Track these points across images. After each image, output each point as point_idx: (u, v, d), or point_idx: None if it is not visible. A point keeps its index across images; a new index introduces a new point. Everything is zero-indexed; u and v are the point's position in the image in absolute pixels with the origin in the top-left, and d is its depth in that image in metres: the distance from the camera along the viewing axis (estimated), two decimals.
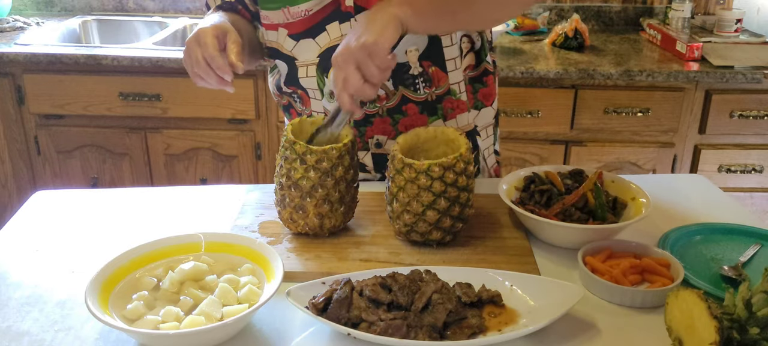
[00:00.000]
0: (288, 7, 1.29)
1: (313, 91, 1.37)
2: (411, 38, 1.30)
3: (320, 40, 1.31)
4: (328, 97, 1.36)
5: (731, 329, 0.83)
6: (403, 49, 1.31)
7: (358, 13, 1.27)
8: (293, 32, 1.32)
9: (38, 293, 1.05)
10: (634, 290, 1.01)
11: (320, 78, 1.34)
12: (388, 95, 1.34)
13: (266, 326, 0.97)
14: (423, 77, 1.34)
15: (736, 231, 1.22)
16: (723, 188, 1.51)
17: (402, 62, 1.32)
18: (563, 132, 2.53)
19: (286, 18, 1.31)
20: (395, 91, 1.34)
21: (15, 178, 2.65)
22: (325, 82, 1.34)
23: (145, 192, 1.42)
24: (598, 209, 1.19)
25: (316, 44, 1.32)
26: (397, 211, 1.12)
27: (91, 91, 2.48)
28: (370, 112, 1.35)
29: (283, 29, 1.33)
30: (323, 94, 1.36)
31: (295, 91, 1.40)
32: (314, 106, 1.39)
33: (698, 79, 2.43)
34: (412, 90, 1.35)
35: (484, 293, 0.98)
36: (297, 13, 1.29)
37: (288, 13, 1.30)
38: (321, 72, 1.34)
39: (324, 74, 1.33)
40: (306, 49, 1.33)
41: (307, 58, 1.34)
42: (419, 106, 1.36)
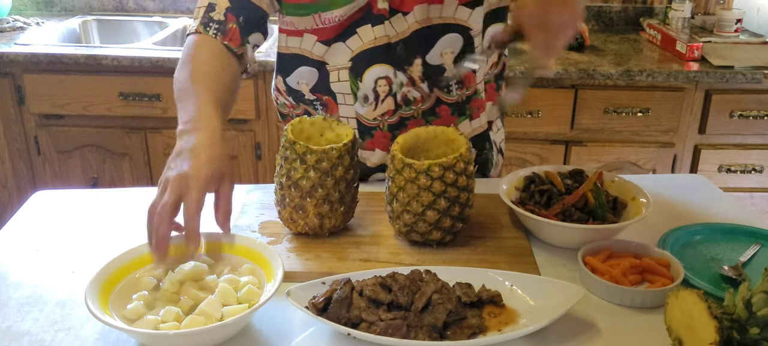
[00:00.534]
0: (319, 13, 1.27)
1: (345, 96, 1.35)
2: (447, 40, 1.30)
3: (351, 43, 1.30)
4: (362, 102, 1.34)
5: (731, 329, 0.83)
6: (439, 52, 1.31)
7: (393, 16, 1.27)
8: (323, 38, 1.30)
9: (38, 293, 1.05)
10: (634, 290, 1.01)
11: (353, 82, 1.32)
12: (423, 98, 1.34)
13: (266, 326, 0.97)
14: (456, 79, 1.34)
15: (736, 231, 1.22)
16: (723, 188, 1.51)
17: (438, 64, 1.32)
18: (563, 132, 2.53)
19: (315, 24, 1.29)
20: (430, 93, 1.34)
21: (15, 178, 2.65)
22: (359, 86, 1.32)
23: (145, 192, 1.42)
24: (598, 209, 1.19)
25: (348, 48, 1.30)
26: (397, 211, 1.12)
27: (91, 91, 2.48)
28: (406, 115, 1.35)
29: (310, 35, 1.31)
30: (356, 98, 1.34)
31: (320, 98, 1.38)
32: (344, 111, 1.37)
33: (698, 79, 2.43)
34: (445, 92, 1.35)
35: (484, 293, 0.98)
36: (329, 19, 1.27)
37: (319, 20, 1.28)
38: (354, 76, 1.32)
39: (357, 78, 1.32)
40: (337, 53, 1.31)
41: (338, 63, 1.32)
42: (451, 107, 1.36)
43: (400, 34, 1.28)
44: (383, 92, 1.32)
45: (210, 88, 1.13)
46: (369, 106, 1.34)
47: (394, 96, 1.33)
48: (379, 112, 1.34)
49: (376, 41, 1.29)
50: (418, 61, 1.31)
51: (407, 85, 1.32)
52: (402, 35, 1.29)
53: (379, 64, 1.30)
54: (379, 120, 1.35)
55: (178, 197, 0.95)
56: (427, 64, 1.32)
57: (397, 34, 1.28)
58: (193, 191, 0.95)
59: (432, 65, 1.32)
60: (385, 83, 1.31)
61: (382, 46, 1.29)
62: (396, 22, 1.27)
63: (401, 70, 1.31)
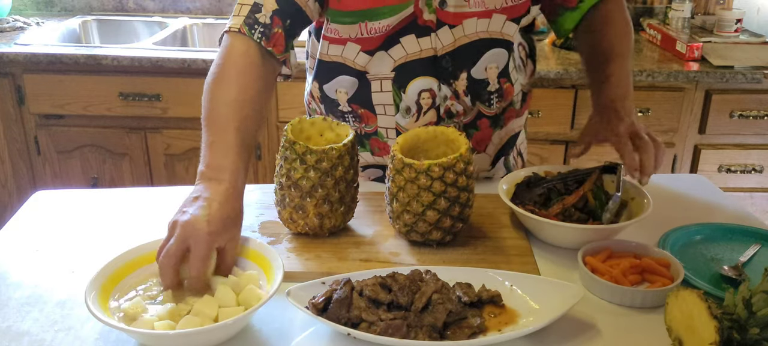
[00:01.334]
0: (366, 22, 1.25)
1: (385, 107, 1.33)
2: (492, 55, 1.30)
3: (394, 53, 1.28)
4: (404, 113, 1.33)
5: (731, 329, 0.83)
6: (484, 66, 1.30)
7: (440, 28, 1.25)
8: (367, 48, 1.28)
9: (38, 293, 1.05)
10: (634, 290, 1.01)
11: (396, 93, 1.31)
12: (465, 111, 1.34)
13: (266, 326, 0.97)
14: (497, 93, 1.34)
15: (736, 231, 1.22)
16: (723, 188, 1.51)
17: (482, 79, 1.31)
18: (563, 132, 2.53)
19: (361, 33, 1.27)
20: (472, 107, 1.34)
21: (15, 178, 2.65)
22: (402, 97, 1.31)
23: (145, 192, 1.42)
24: (598, 209, 1.19)
25: (390, 58, 1.28)
26: (397, 211, 1.12)
27: (91, 91, 2.48)
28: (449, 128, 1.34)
29: (353, 44, 1.29)
30: (398, 109, 1.33)
31: (355, 111, 1.35)
32: (383, 122, 1.35)
33: (698, 79, 2.43)
34: (486, 105, 1.34)
35: (484, 293, 0.98)
36: (376, 28, 1.25)
37: (365, 29, 1.26)
38: (397, 87, 1.31)
39: (401, 89, 1.30)
40: (379, 63, 1.29)
41: (379, 72, 1.30)
42: (490, 120, 1.36)
43: (446, 47, 1.27)
44: (426, 105, 1.32)
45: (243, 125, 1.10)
46: (411, 117, 1.33)
47: (437, 109, 1.32)
48: (420, 123, 1.33)
49: (421, 53, 1.27)
50: (463, 76, 1.30)
51: (451, 98, 1.31)
52: (448, 48, 1.27)
53: (423, 77, 1.29)
54: None
55: (184, 244, 0.96)
56: (471, 78, 1.31)
57: (443, 46, 1.27)
58: (199, 244, 0.95)
59: (476, 79, 1.31)
60: (429, 96, 1.31)
61: (427, 58, 1.28)
62: (443, 35, 1.26)
63: (446, 84, 1.30)
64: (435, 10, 1.25)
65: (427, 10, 1.24)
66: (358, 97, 1.34)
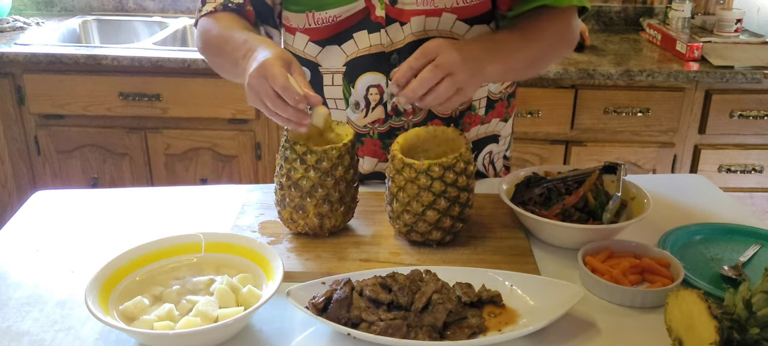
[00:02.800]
0: (313, 11, 1.26)
1: (337, 101, 1.35)
2: None
3: (346, 48, 1.29)
4: (353, 108, 1.33)
5: (731, 329, 0.83)
6: None
7: (390, 24, 1.25)
8: (316, 38, 1.30)
9: (38, 293, 1.05)
10: (634, 290, 1.01)
11: (346, 87, 1.32)
12: (415, 110, 1.33)
13: (266, 326, 0.97)
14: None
15: (736, 231, 1.22)
16: (723, 188, 1.51)
17: None
18: (563, 132, 2.53)
19: (308, 23, 1.28)
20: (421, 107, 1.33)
21: (15, 178, 2.65)
22: (352, 92, 1.32)
23: (145, 192, 1.42)
24: (598, 209, 1.19)
25: (343, 52, 1.30)
26: (397, 211, 1.12)
27: (91, 91, 2.48)
28: (396, 125, 1.34)
29: (302, 34, 1.31)
30: (347, 104, 1.34)
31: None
32: (335, 116, 1.36)
33: (698, 79, 2.43)
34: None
35: (484, 293, 0.98)
36: (323, 18, 1.26)
37: (312, 19, 1.27)
38: (347, 81, 1.32)
39: (350, 84, 1.31)
40: (331, 56, 1.31)
41: (332, 66, 1.31)
42: (444, 121, 1.35)
43: (396, 43, 1.27)
44: (374, 100, 1.32)
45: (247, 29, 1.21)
46: (360, 112, 1.34)
47: (384, 105, 1.33)
48: (369, 119, 1.34)
49: (371, 49, 1.28)
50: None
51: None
52: (398, 45, 1.28)
53: (372, 72, 1.30)
54: (369, 128, 1.35)
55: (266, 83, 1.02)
56: None
57: (392, 43, 1.27)
58: (273, 69, 1.02)
59: None
60: (377, 92, 1.31)
61: (376, 54, 1.28)
62: (392, 32, 1.27)
63: None
64: (385, 7, 1.25)
65: (379, 6, 1.25)
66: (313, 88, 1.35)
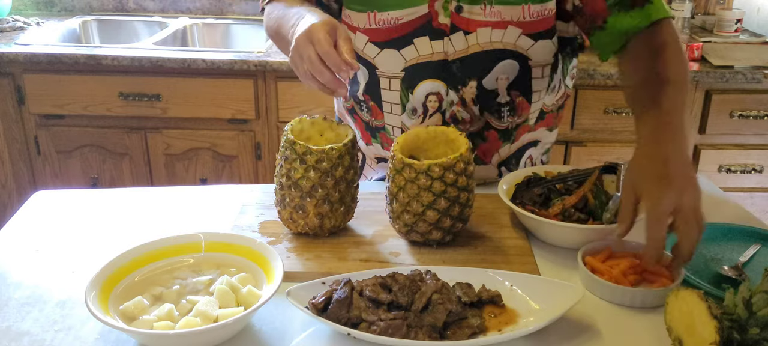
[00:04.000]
0: (375, 11, 1.26)
1: (392, 105, 1.34)
2: (504, 66, 1.28)
3: (406, 53, 1.28)
4: (410, 114, 1.33)
5: (731, 329, 0.83)
6: (495, 77, 1.29)
7: (454, 33, 1.25)
8: (375, 40, 1.29)
9: (38, 293, 1.05)
10: (634, 290, 1.01)
11: (404, 93, 1.31)
12: (473, 119, 1.33)
13: (266, 326, 0.97)
14: (509, 106, 1.32)
15: (736, 231, 1.22)
16: (723, 188, 1.51)
17: (492, 89, 1.30)
18: (563, 132, 2.53)
19: (369, 23, 1.27)
20: (480, 116, 1.33)
21: (15, 178, 2.65)
22: (409, 98, 1.31)
23: (145, 192, 1.42)
24: (598, 209, 1.19)
25: (402, 57, 1.28)
26: (397, 211, 1.12)
27: (91, 91, 2.48)
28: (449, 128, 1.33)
29: (362, 35, 1.30)
30: (404, 109, 1.33)
31: (367, 102, 1.36)
32: (389, 119, 1.35)
33: (698, 79, 2.43)
34: (496, 117, 1.33)
35: (484, 293, 0.98)
36: (385, 19, 1.26)
37: (373, 19, 1.26)
38: (405, 87, 1.31)
39: (409, 90, 1.30)
40: (389, 60, 1.29)
41: (389, 70, 1.30)
42: (499, 133, 1.35)
43: (459, 52, 1.27)
44: (433, 108, 1.31)
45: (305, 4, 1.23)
46: (417, 119, 1.33)
47: (442, 113, 1.32)
48: (425, 126, 1.33)
49: (432, 56, 1.27)
50: (472, 83, 1.29)
51: (457, 105, 1.31)
52: (460, 54, 1.27)
53: (432, 80, 1.29)
54: None
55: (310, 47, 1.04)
56: (481, 87, 1.30)
57: (455, 52, 1.27)
58: (318, 33, 1.04)
59: (486, 89, 1.30)
60: (436, 99, 1.30)
61: (437, 61, 1.28)
62: (456, 40, 1.26)
63: (454, 89, 1.30)
64: (450, 14, 1.24)
65: (443, 13, 1.24)
66: (369, 89, 1.35)
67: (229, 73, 2.44)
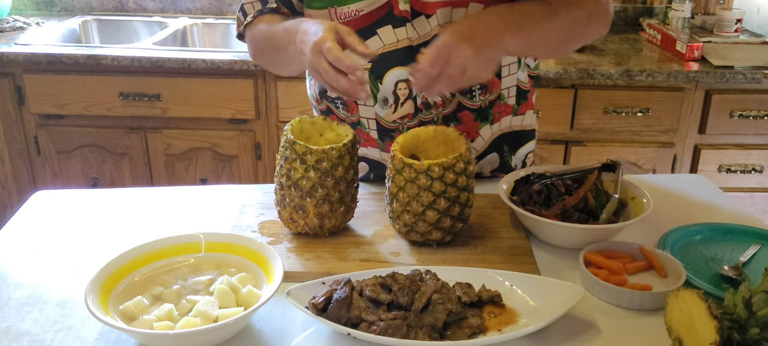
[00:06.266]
0: (335, 6, 1.26)
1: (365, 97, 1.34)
2: None
3: (371, 44, 1.28)
4: (382, 104, 1.33)
5: (731, 329, 0.83)
6: None
7: (415, 17, 1.25)
8: None
9: (38, 293, 1.05)
10: (633, 291, 1.01)
11: (374, 84, 1.31)
12: (444, 102, 1.33)
13: (266, 326, 0.97)
14: (480, 84, 1.32)
15: (736, 231, 1.22)
16: (723, 188, 1.51)
17: None
18: (563, 132, 2.53)
19: (331, 19, 1.27)
20: (452, 98, 1.33)
21: (15, 178, 2.65)
22: (379, 88, 1.31)
23: (145, 192, 1.42)
24: (598, 209, 1.19)
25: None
26: (397, 211, 1.12)
27: (91, 91, 2.48)
28: (426, 118, 1.33)
29: None
30: (376, 100, 1.33)
31: (340, 97, 1.37)
32: (364, 112, 1.36)
33: (698, 79, 2.43)
34: (468, 97, 1.33)
35: (484, 293, 0.98)
36: (345, 13, 1.26)
37: (334, 14, 1.27)
38: (374, 78, 1.31)
39: (377, 80, 1.31)
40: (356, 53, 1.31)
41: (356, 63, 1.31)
42: (474, 113, 1.35)
43: (423, 37, 1.27)
44: (403, 95, 1.31)
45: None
46: (389, 108, 1.33)
47: (414, 99, 1.32)
48: (398, 114, 1.33)
49: (397, 43, 1.27)
50: None
51: None
52: (424, 38, 1.27)
53: (400, 67, 1.29)
54: (398, 123, 1.34)
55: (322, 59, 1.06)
56: None
57: (419, 37, 1.27)
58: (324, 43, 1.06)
59: None
60: (406, 86, 1.30)
61: (403, 48, 1.28)
62: (418, 25, 1.26)
63: None
64: (409, 1, 1.24)
65: (402, 1, 1.25)
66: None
67: (229, 73, 2.44)
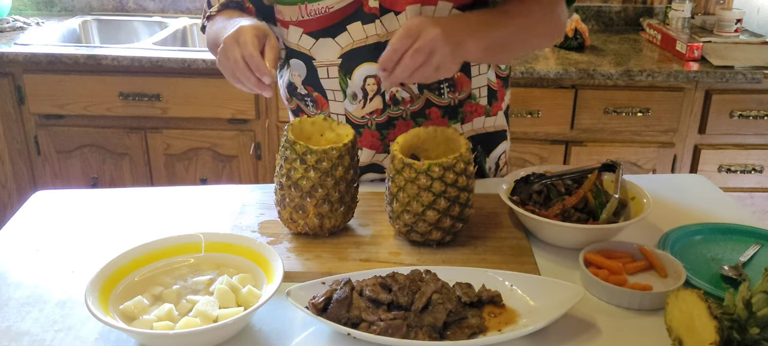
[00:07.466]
0: (306, 3, 1.26)
1: (334, 93, 1.35)
2: None
3: (340, 40, 1.29)
4: (351, 99, 1.34)
5: (731, 329, 0.83)
6: None
7: (384, 14, 1.26)
8: (309, 30, 1.30)
9: (38, 293, 1.05)
10: (633, 291, 1.01)
11: (343, 79, 1.32)
12: (412, 99, 1.33)
13: (266, 326, 0.97)
14: (448, 82, 1.33)
15: (736, 231, 1.22)
16: (723, 188, 1.51)
17: None
18: (563, 132, 2.53)
19: (301, 15, 1.28)
20: (420, 95, 1.33)
21: (15, 178, 2.65)
22: (348, 83, 1.32)
23: (145, 192, 1.42)
24: (598, 209, 1.19)
25: (337, 44, 1.30)
26: (397, 211, 1.12)
27: (91, 91, 2.48)
28: (394, 114, 1.34)
29: (295, 27, 1.31)
30: (345, 96, 1.34)
31: (310, 93, 1.38)
32: (334, 108, 1.37)
33: (698, 79, 2.43)
34: (436, 94, 1.34)
35: (484, 293, 0.98)
36: (316, 10, 1.26)
37: (304, 11, 1.27)
38: (343, 73, 1.32)
39: (347, 76, 1.31)
40: (325, 48, 1.31)
41: (326, 58, 1.32)
42: (442, 110, 1.35)
43: (391, 33, 1.27)
44: (372, 91, 1.32)
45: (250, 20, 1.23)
46: (357, 103, 1.34)
47: (382, 95, 1.33)
48: (367, 110, 1.34)
49: (367, 40, 1.28)
50: None
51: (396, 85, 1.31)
52: (393, 35, 1.27)
53: (368, 63, 1.30)
54: (367, 119, 1.35)
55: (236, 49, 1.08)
56: None
57: (387, 33, 1.27)
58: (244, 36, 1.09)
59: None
60: (374, 82, 1.31)
61: (371, 44, 1.28)
62: (387, 22, 1.27)
63: None
64: None
65: None
66: (309, 80, 1.37)
67: None
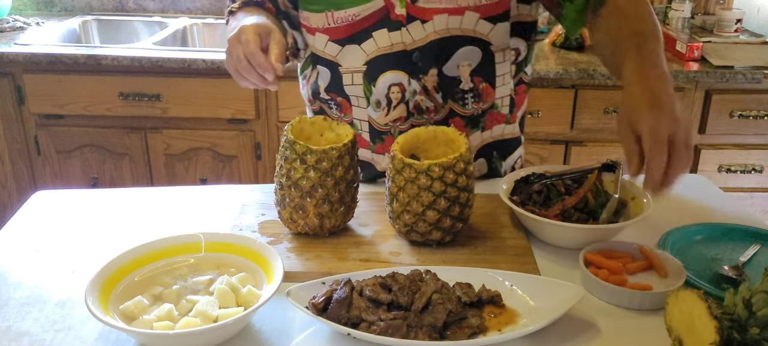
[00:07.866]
0: (332, 11, 1.27)
1: (358, 99, 1.35)
2: (465, 53, 1.29)
3: (366, 47, 1.29)
4: (374, 106, 1.34)
5: (731, 329, 0.83)
6: (456, 64, 1.30)
7: (411, 22, 1.25)
8: (335, 38, 1.30)
9: (38, 293, 1.05)
10: (633, 291, 1.01)
11: (367, 86, 1.32)
12: (436, 108, 1.33)
13: (266, 326, 0.97)
14: (473, 93, 1.33)
15: (736, 231, 1.22)
16: (723, 188, 1.51)
17: (454, 76, 1.31)
18: (563, 132, 2.53)
19: (327, 23, 1.28)
20: (443, 104, 1.33)
21: (15, 178, 2.65)
22: (372, 91, 1.32)
23: (145, 192, 1.42)
24: (598, 209, 1.19)
25: (362, 51, 1.30)
26: (397, 211, 1.12)
27: (91, 91, 2.48)
28: (418, 122, 1.34)
29: (321, 34, 1.31)
30: (369, 103, 1.34)
31: (334, 98, 1.38)
32: (357, 113, 1.37)
33: (698, 79, 2.43)
34: (460, 104, 1.34)
35: (484, 293, 0.98)
36: (342, 17, 1.27)
37: (331, 18, 1.28)
38: (368, 80, 1.32)
39: (371, 83, 1.32)
40: (351, 55, 1.31)
41: (352, 65, 1.32)
42: (465, 119, 1.35)
43: (417, 42, 1.27)
44: (396, 99, 1.32)
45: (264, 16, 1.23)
46: (381, 111, 1.34)
47: (406, 103, 1.32)
48: (390, 118, 1.34)
49: (392, 47, 1.28)
50: (433, 71, 1.30)
51: (420, 94, 1.31)
52: (419, 43, 1.27)
53: (393, 71, 1.30)
54: (390, 126, 1.35)
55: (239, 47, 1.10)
56: (442, 75, 1.30)
57: (413, 41, 1.27)
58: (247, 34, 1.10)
59: (447, 76, 1.31)
60: (398, 90, 1.31)
61: (397, 52, 1.28)
62: (413, 30, 1.26)
63: (415, 79, 1.30)
64: (405, 5, 1.25)
65: (399, 5, 1.25)
66: (333, 86, 1.37)
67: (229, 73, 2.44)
